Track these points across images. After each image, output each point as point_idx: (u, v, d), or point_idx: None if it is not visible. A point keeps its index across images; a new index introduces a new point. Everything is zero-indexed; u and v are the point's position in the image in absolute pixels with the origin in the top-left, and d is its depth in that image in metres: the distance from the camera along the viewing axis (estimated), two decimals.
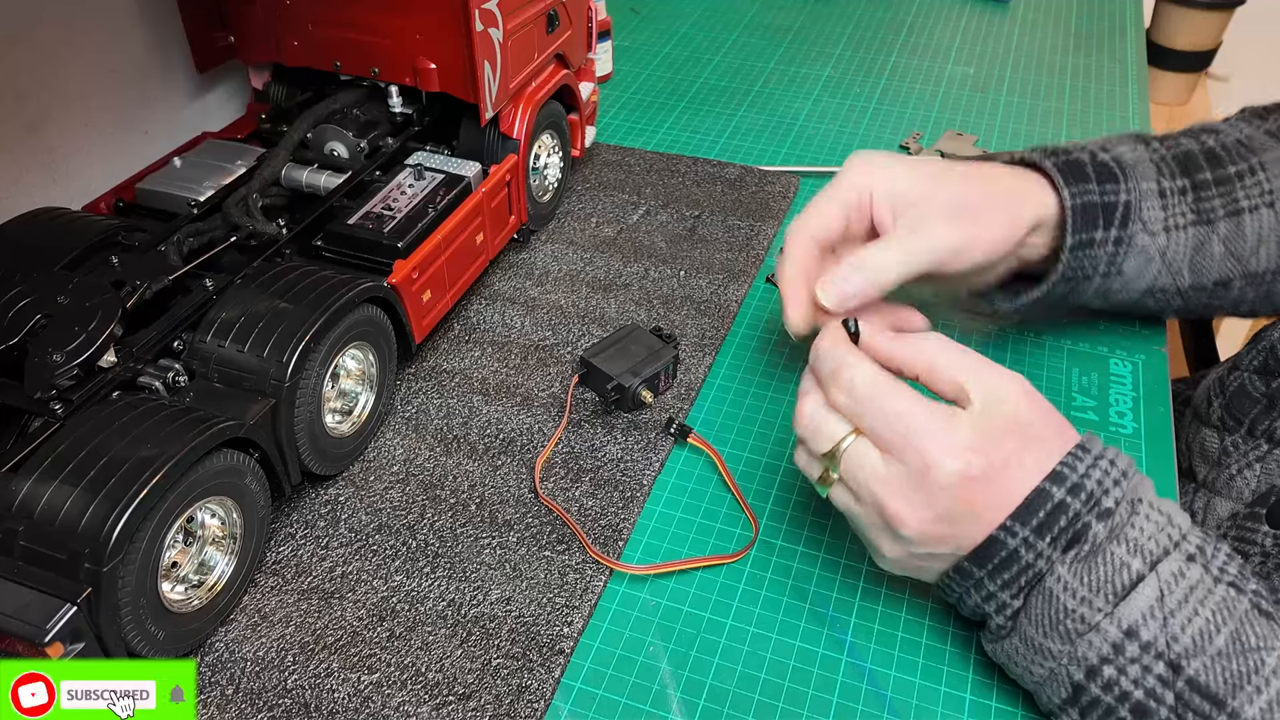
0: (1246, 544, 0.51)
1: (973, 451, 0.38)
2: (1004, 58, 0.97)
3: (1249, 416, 0.53)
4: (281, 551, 0.49)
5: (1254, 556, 0.50)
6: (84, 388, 0.44)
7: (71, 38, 0.60)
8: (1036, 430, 0.40)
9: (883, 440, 0.40)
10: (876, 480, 0.40)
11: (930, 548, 0.40)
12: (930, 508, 0.39)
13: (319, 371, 0.49)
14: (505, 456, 0.54)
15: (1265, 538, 0.50)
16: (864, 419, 0.40)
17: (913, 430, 0.39)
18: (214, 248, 0.55)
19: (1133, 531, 0.38)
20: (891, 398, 0.40)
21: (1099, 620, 0.38)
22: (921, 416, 0.39)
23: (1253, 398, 0.53)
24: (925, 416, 0.39)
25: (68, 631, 0.37)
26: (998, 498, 0.39)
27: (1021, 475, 0.39)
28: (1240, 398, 0.54)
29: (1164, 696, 0.37)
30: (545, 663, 0.44)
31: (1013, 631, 0.40)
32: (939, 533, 0.39)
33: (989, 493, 0.39)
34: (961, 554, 0.40)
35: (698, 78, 0.94)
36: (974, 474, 0.38)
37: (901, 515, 0.39)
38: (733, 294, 0.65)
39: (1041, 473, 0.39)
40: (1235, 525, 0.52)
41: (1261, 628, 0.37)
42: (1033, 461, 0.39)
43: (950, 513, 0.39)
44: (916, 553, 0.41)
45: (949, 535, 0.40)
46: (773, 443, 0.56)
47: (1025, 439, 0.39)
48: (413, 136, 0.66)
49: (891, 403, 0.40)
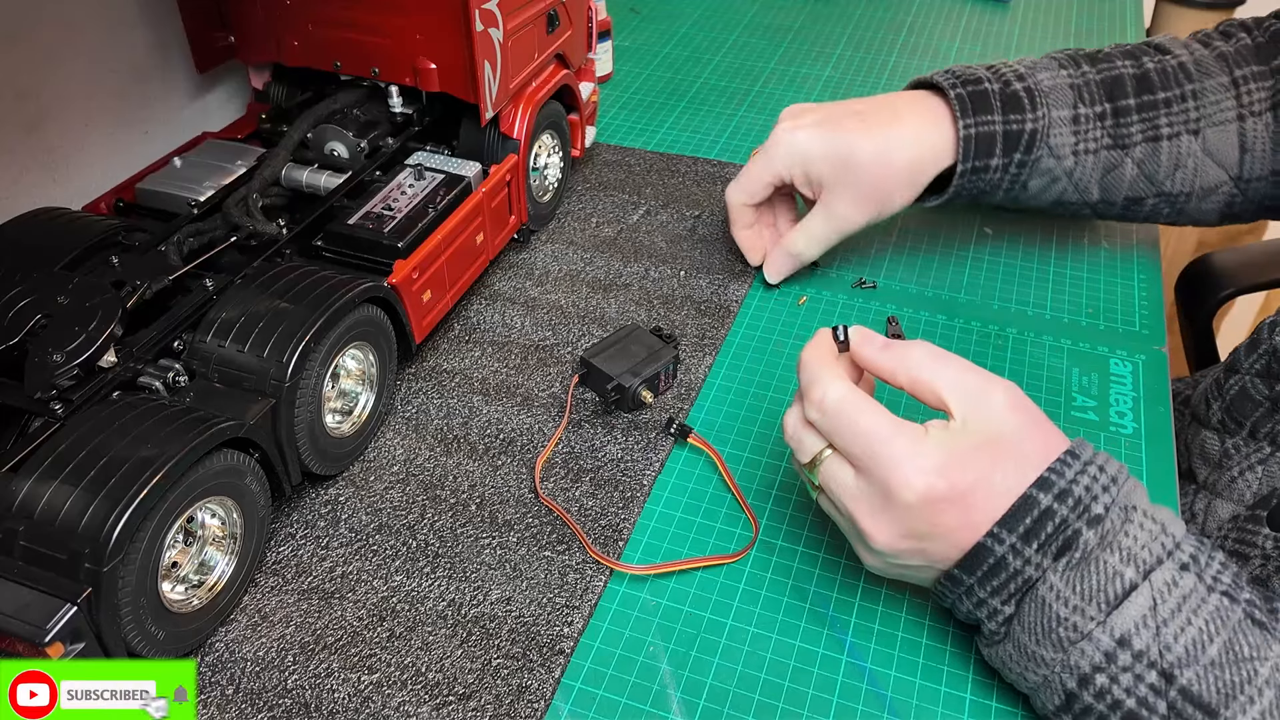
0: (1247, 546, 0.51)
1: (937, 474, 0.38)
2: (1004, 58, 0.97)
3: (1251, 419, 0.53)
4: (281, 551, 0.49)
5: (1254, 559, 0.50)
6: (84, 388, 0.44)
7: (71, 38, 0.60)
8: (1013, 445, 0.39)
9: (852, 457, 0.40)
10: (848, 495, 0.41)
11: (903, 560, 0.41)
12: (896, 525, 0.39)
13: (319, 371, 0.49)
14: (505, 456, 0.54)
15: (1266, 540, 0.50)
16: (834, 436, 0.41)
17: (878, 451, 0.39)
18: (214, 248, 0.55)
19: (1125, 540, 0.38)
20: (860, 416, 0.40)
21: (1091, 629, 0.37)
22: (887, 437, 0.39)
23: (1255, 400, 0.53)
24: (891, 437, 0.39)
25: (68, 631, 0.37)
26: (965, 517, 0.39)
27: (988, 495, 0.39)
28: (1242, 400, 0.54)
29: (1156, 706, 0.37)
30: (545, 663, 0.44)
31: (1006, 638, 0.40)
32: (908, 547, 0.40)
33: (955, 513, 0.39)
34: (937, 566, 0.41)
35: (698, 78, 0.94)
36: (937, 496, 0.38)
37: (870, 531, 0.40)
38: (733, 294, 0.65)
39: (1020, 485, 0.39)
40: (1236, 527, 0.52)
41: (1255, 638, 0.37)
42: (1004, 479, 0.39)
43: (916, 531, 0.39)
44: (892, 563, 0.42)
45: (918, 550, 0.40)
46: (773, 443, 0.56)
47: (998, 456, 0.39)
48: (413, 136, 0.66)
49: (860, 422, 0.40)
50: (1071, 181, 0.58)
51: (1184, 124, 0.57)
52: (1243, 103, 0.58)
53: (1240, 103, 0.58)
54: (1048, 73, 0.58)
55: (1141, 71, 0.58)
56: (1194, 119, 0.57)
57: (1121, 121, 0.57)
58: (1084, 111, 0.57)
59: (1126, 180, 0.58)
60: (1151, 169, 0.57)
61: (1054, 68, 0.59)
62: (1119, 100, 0.57)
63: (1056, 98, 0.57)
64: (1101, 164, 0.57)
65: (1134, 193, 0.59)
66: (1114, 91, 0.57)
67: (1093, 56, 0.60)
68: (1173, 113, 0.57)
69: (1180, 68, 0.58)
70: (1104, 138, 0.57)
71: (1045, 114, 0.56)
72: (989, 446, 0.39)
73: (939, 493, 0.38)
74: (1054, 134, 0.56)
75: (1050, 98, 0.56)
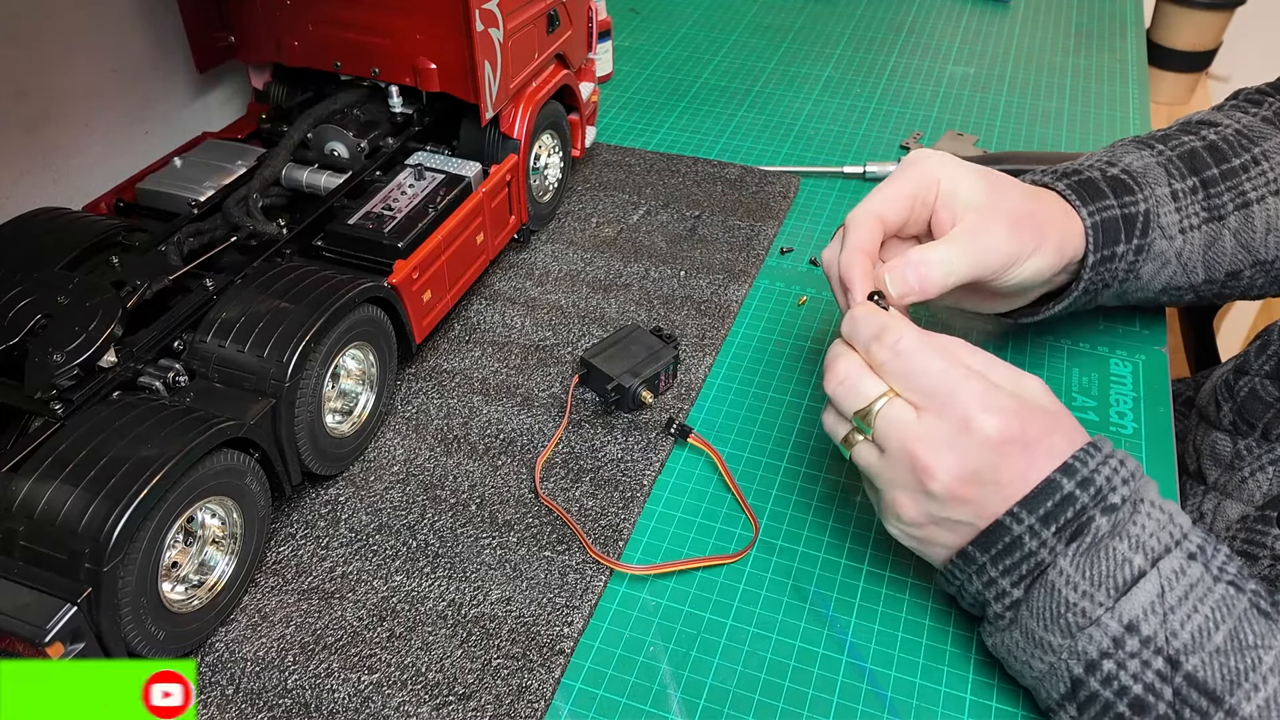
0: (1256, 546, 0.51)
1: (1013, 414, 0.39)
2: (1004, 58, 0.97)
3: (1263, 420, 0.54)
4: (281, 551, 0.49)
5: (1263, 559, 0.50)
6: (84, 388, 0.44)
7: (71, 38, 0.60)
8: (1060, 420, 0.41)
9: (924, 396, 0.41)
10: (911, 437, 0.40)
11: (950, 511, 0.41)
12: (964, 463, 0.40)
13: (319, 371, 0.49)
14: (505, 457, 0.54)
15: (1276, 540, 0.50)
16: (906, 378, 0.41)
17: (956, 387, 0.40)
18: (214, 248, 0.55)
19: (1134, 528, 0.39)
20: (936, 357, 0.41)
21: (1100, 614, 0.38)
22: (965, 375, 0.40)
23: (1265, 402, 0.53)
24: (968, 377, 0.40)
25: (68, 631, 0.37)
26: (1024, 471, 0.39)
27: (1048, 457, 0.40)
28: (1253, 402, 0.54)
29: (1162, 692, 0.37)
30: (545, 663, 0.44)
31: (1013, 624, 0.41)
32: (964, 493, 0.40)
33: (1019, 461, 0.39)
34: (976, 524, 0.41)
35: (698, 78, 0.94)
36: (1012, 435, 0.39)
37: (933, 468, 0.40)
38: (733, 294, 0.65)
39: (1059, 461, 0.40)
40: (1245, 528, 0.52)
41: (1260, 626, 0.38)
42: (1061, 443, 0.40)
43: (979, 473, 0.40)
44: (936, 515, 0.41)
45: (972, 498, 0.40)
46: (773, 443, 0.56)
47: (1053, 422, 0.40)
48: (413, 136, 0.66)
49: (936, 361, 0.41)
50: (1180, 263, 0.55)
51: (1266, 185, 0.56)
52: None
53: None
54: (1131, 155, 0.56)
55: (1208, 143, 0.57)
56: (1273, 179, 0.56)
57: (1212, 192, 0.55)
58: (1179, 187, 0.55)
59: (1227, 254, 0.56)
60: (1247, 237, 0.56)
61: (1134, 150, 0.57)
62: (1203, 172, 0.56)
63: (1153, 176, 0.55)
64: (1203, 239, 0.55)
65: (1234, 266, 0.57)
66: (1196, 164, 0.56)
67: (1161, 137, 0.59)
68: (1252, 177, 0.56)
69: (1239, 135, 0.57)
70: (1201, 212, 0.55)
71: (1150, 193, 0.54)
72: (1044, 412, 0.41)
73: (1014, 432, 0.39)
74: (1162, 213, 0.54)
75: (1148, 177, 0.55)
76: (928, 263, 0.47)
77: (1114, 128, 0.85)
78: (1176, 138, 0.58)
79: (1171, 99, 1.95)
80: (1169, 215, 0.54)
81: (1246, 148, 0.57)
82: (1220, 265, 0.56)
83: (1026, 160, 0.76)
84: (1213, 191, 0.55)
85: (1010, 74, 0.94)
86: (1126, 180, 0.54)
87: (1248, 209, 0.56)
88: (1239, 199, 0.56)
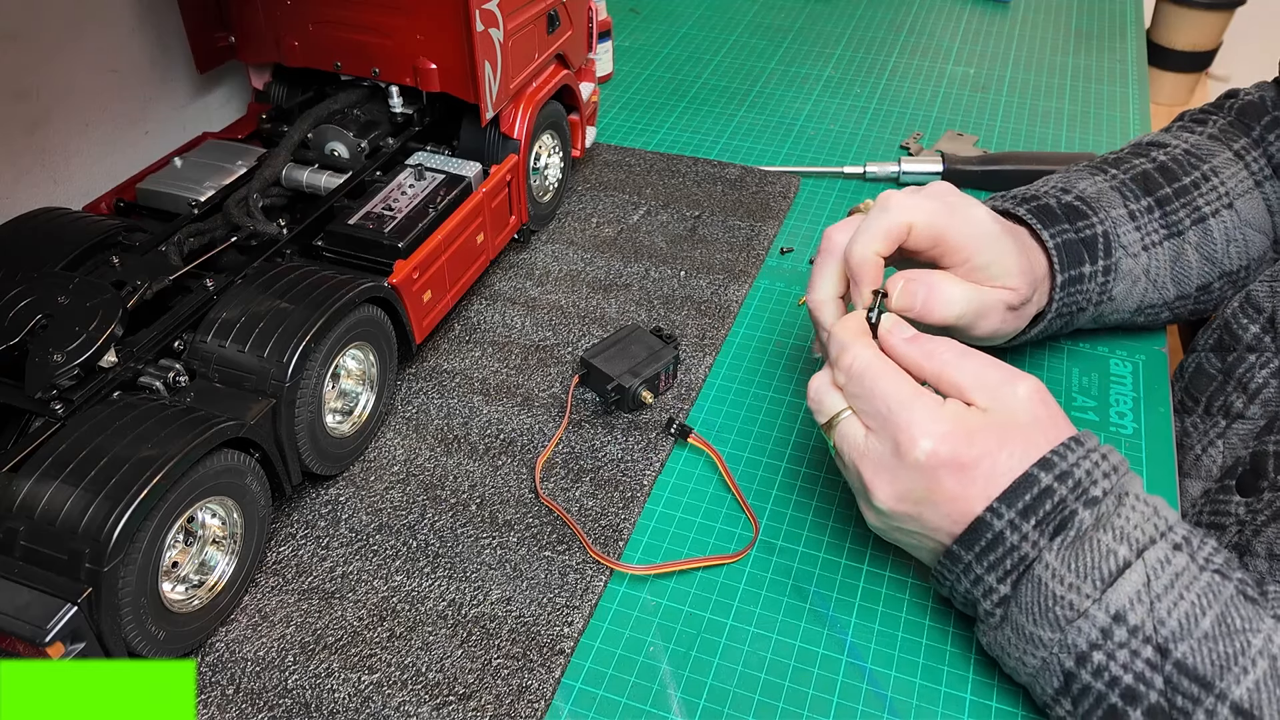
0: (1221, 517, 0.51)
1: (943, 440, 0.40)
2: (1004, 58, 0.97)
3: (1205, 394, 0.55)
4: (282, 551, 0.49)
5: (1230, 528, 0.50)
6: (84, 388, 0.44)
7: (71, 38, 0.60)
8: (1025, 432, 0.41)
9: (868, 417, 0.42)
10: (857, 452, 0.43)
11: (900, 523, 0.43)
12: (897, 484, 0.41)
13: (319, 372, 0.49)
14: (505, 457, 0.54)
15: (1238, 507, 0.50)
16: (856, 399, 0.43)
17: (893, 411, 0.41)
18: (214, 248, 0.55)
19: (1119, 520, 0.39)
20: (882, 380, 0.42)
21: (1087, 606, 0.38)
22: (905, 400, 0.41)
23: (1209, 375, 0.55)
24: (909, 400, 0.41)
25: (68, 631, 0.37)
26: (963, 489, 0.40)
27: (990, 472, 0.40)
28: (1198, 377, 0.56)
29: (1153, 680, 0.37)
30: (545, 663, 0.44)
31: (1004, 621, 0.41)
32: (905, 510, 0.42)
33: (953, 482, 0.40)
34: (932, 536, 0.42)
35: (698, 78, 0.94)
36: (939, 461, 0.40)
37: (873, 486, 0.42)
38: (733, 294, 0.65)
39: (1024, 467, 0.40)
40: (1209, 501, 0.53)
41: (1247, 610, 0.38)
42: (1009, 460, 0.40)
43: (914, 493, 0.41)
44: (891, 524, 0.43)
45: (914, 514, 0.42)
46: (773, 443, 0.56)
47: (1007, 438, 0.40)
48: (413, 136, 0.66)
49: (881, 384, 0.42)
50: (1150, 279, 0.56)
51: (1218, 200, 0.58)
52: (1251, 170, 0.60)
53: (1250, 171, 0.60)
54: (1085, 182, 0.57)
55: (1158, 164, 0.59)
56: (1224, 193, 0.58)
57: (1168, 210, 0.57)
58: (1135, 207, 0.56)
59: (1194, 268, 0.57)
60: (1209, 250, 0.57)
61: (1088, 176, 0.58)
62: (1156, 191, 0.57)
63: (1108, 200, 0.56)
64: (1168, 255, 0.57)
65: (1202, 279, 0.58)
66: (1149, 185, 0.57)
67: (1114, 160, 0.60)
68: (1204, 192, 0.57)
69: (1187, 154, 0.59)
70: (1160, 229, 0.56)
71: (1106, 215, 0.55)
72: (1000, 428, 0.41)
73: (941, 458, 0.40)
74: (1122, 232, 0.55)
75: (1101, 201, 0.56)
76: (940, 295, 0.47)
77: (1114, 128, 0.86)
78: (1128, 161, 0.60)
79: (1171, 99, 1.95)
80: (1129, 234, 0.55)
81: (1196, 165, 0.59)
82: (1189, 280, 0.58)
83: (1026, 160, 0.76)
84: (1168, 209, 0.57)
85: (1010, 74, 0.94)
86: (1080, 206, 0.55)
87: (1204, 223, 0.57)
88: (1194, 214, 0.57)
